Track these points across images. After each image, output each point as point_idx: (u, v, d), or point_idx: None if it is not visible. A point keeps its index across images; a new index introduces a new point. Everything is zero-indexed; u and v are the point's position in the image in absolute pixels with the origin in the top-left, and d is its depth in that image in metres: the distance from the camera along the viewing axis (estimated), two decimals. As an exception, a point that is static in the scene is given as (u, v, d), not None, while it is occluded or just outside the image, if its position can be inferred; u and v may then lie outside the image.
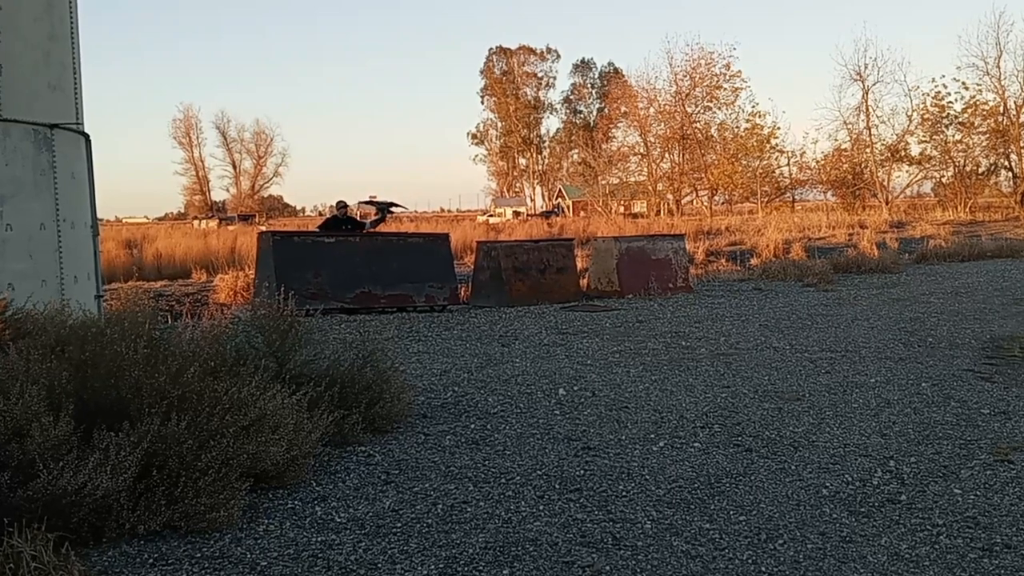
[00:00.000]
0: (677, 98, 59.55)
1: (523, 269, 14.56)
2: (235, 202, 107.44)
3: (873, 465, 5.32)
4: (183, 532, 4.27)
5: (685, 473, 5.22)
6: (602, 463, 5.44)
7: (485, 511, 4.63)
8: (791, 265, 19.30)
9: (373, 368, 6.42)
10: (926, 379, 7.85)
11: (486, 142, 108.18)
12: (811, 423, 6.33)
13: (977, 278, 17.68)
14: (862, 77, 51.73)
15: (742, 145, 57.76)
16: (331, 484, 5.09)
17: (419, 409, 6.82)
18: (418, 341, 10.37)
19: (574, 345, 10.00)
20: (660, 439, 5.96)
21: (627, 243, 16.20)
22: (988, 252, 23.63)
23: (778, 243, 24.38)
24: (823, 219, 38.41)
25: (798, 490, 4.88)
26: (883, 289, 16.03)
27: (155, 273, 22.49)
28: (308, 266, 12.68)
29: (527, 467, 5.38)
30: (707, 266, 21.18)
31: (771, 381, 7.87)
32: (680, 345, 9.94)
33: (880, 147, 52.91)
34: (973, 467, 5.26)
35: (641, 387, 7.67)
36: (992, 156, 51.97)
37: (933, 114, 51.26)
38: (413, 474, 5.27)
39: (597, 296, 15.21)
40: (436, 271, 13.78)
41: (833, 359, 8.89)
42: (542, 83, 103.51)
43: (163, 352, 5.12)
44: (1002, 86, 49.98)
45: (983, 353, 9.17)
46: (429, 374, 8.31)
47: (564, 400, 7.18)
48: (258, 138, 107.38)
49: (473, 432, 6.21)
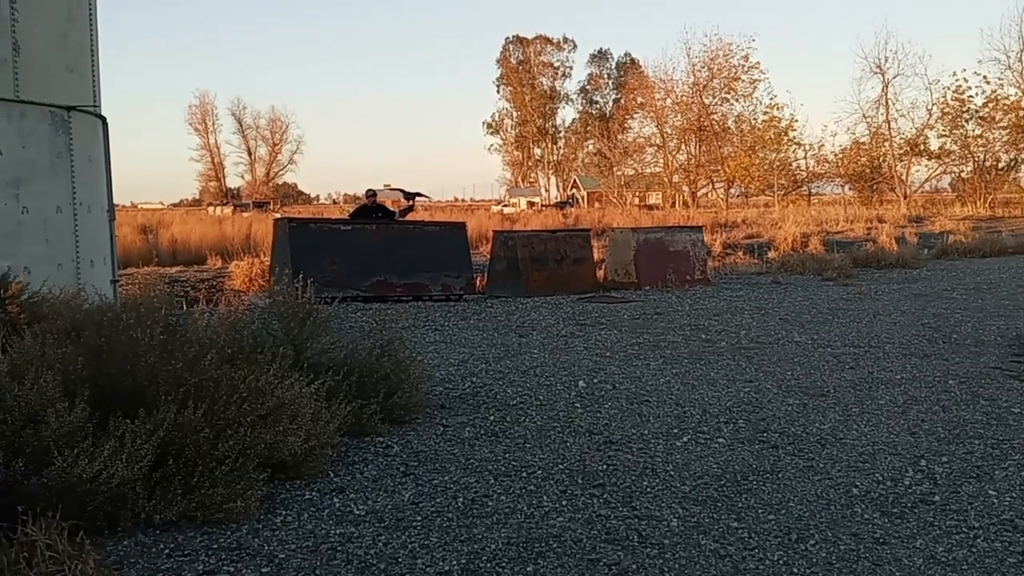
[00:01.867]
0: (694, 89, 59.35)
1: (540, 259, 14.43)
2: (250, 189, 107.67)
3: (904, 464, 5.19)
4: (199, 522, 4.18)
5: (710, 469, 5.11)
6: (625, 458, 5.34)
7: (507, 505, 4.53)
8: (809, 259, 19.11)
9: (391, 358, 6.33)
10: (953, 376, 7.70)
11: (501, 131, 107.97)
12: (837, 420, 6.20)
13: (999, 274, 17.46)
14: (882, 70, 51.51)
15: (759, 137, 57.48)
16: (349, 475, 5.00)
17: (437, 400, 6.72)
18: (435, 331, 10.27)
19: (592, 337, 9.89)
20: (683, 434, 5.85)
21: (645, 234, 16.06)
22: (1009, 248, 23.37)
23: (796, 236, 24.20)
24: (840, 213, 38.19)
25: (828, 489, 4.76)
26: (904, 284, 15.83)
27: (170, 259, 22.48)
28: (324, 253, 12.59)
29: (548, 461, 5.28)
30: (724, 259, 20.99)
31: (794, 376, 7.73)
32: (700, 338, 9.81)
33: (899, 141, 52.60)
34: (1007, 468, 5.13)
35: (662, 380, 7.55)
36: (1012, 151, 51.58)
37: (953, 108, 50.95)
38: (432, 466, 5.18)
39: (614, 287, 15.08)
40: (453, 260, 13.68)
41: (857, 355, 8.74)
42: (558, 73, 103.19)
43: (180, 339, 5.04)
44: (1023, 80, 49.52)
45: (1010, 351, 9.00)
46: (446, 364, 8.21)
47: (584, 392, 7.07)
48: (273, 125, 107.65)
49: (492, 424, 6.11)
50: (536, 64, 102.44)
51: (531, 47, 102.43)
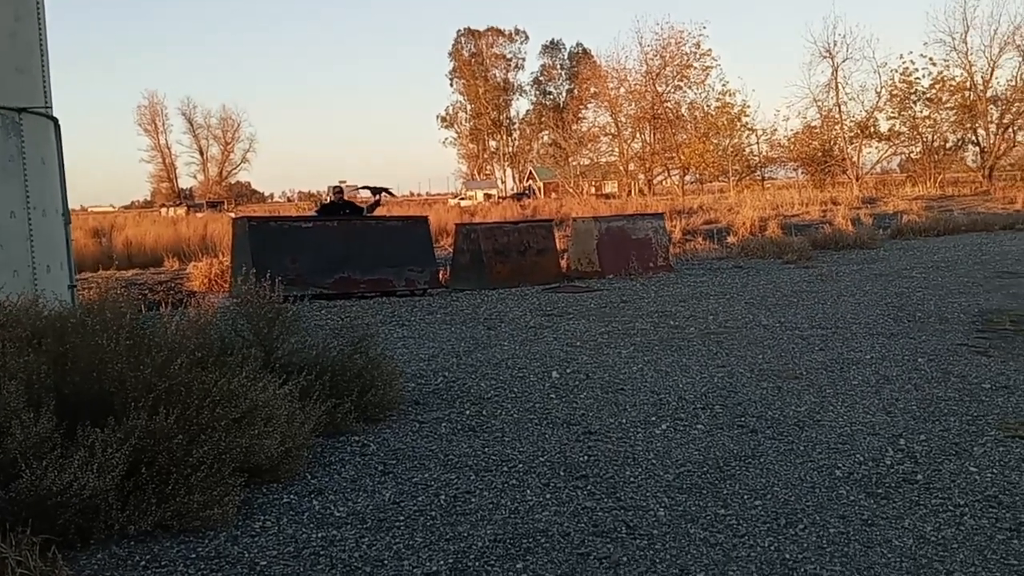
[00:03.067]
0: (647, 78, 59.49)
1: (503, 251, 14.36)
2: (203, 189, 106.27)
3: (883, 444, 5.19)
4: (176, 531, 4.06)
5: (692, 456, 5.07)
6: (605, 448, 5.28)
7: (490, 501, 4.45)
8: (769, 242, 19.24)
9: (363, 355, 6.22)
10: (922, 354, 7.75)
11: (456, 125, 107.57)
12: (813, 402, 6.21)
13: (955, 252, 17.70)
14: (831, 54, 51.96)
15: (713, 124, 57.82)
16: (327, 477, 4.90)
17: (411, 396, 6.63)
18: (402, 326, 10.16)
19: (561, 327, 9.84)
20: (662, 422, 5.81)
21: (607, 223, 16.05)
22: (962, 226, 23.73)
23: (754, 221, 24.33)
24: (795, 196, 38.48)
25: (811, 472, 4.74)
26: (864, 265, 15.99)
27: (126, 262, 22.00)
28: (285, 251, 12.40)
29: (528, 454, 5.21)
30: (685, 245, 21.06)
31: (766, 359, 7.74)
32: (668, 324, 9.80)
33: (849, 124, 53.18)
34: (985, 444, 5.15)
35: (635, 368, 7.52)
36: (959, 131, 52.43)
37: (901, 90, 51.65)
38: (411, 464, 5.09)
39: (578, 277, 15.05)
40: (416, 254, 13.55)
41: (825, 336, 8.78)
42: (511, 64, 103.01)
43: (147, 343, 4.90)
44: (969, 61, 50.41)
45: (974, 327, 9.10)
46: (417, 359, 8.11)
47: (558, 383, 7.01)
48: (225, 124, 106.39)
49: (469, 418, 6.03)
50: (488, 56, 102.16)
51: (483, 39, 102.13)
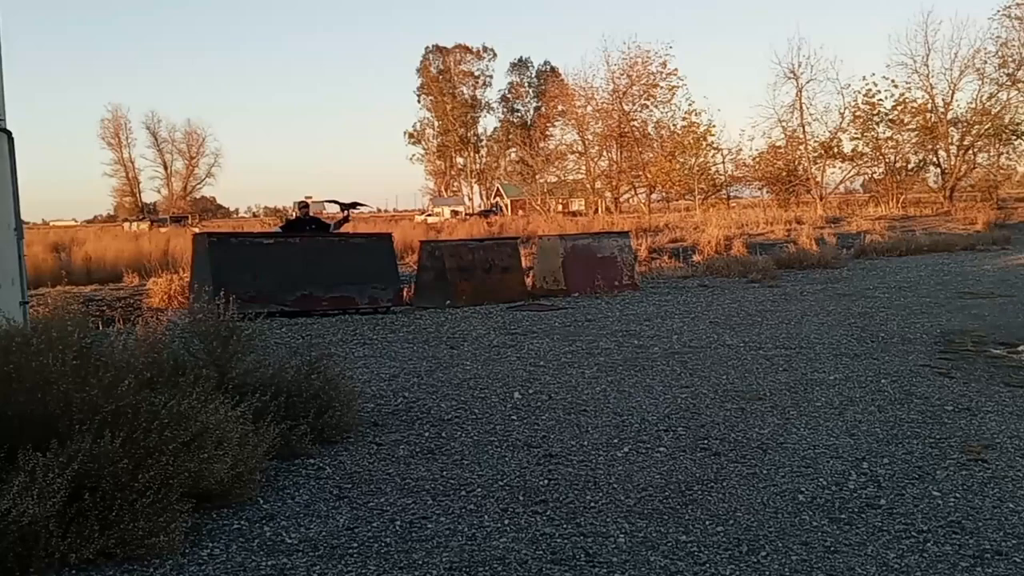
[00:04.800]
0: (614, 96, 59.54)
1: (468, 269, 14.26)
2: (167, 204, 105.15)
3: (847, 467, 5.15)
4: (119, 559, 3.91)
5: (654, 480, 4.99)
6: (566, 471, 5.19)
7: (447, 527, 4.34)
8: (734, 261, 19.33)
9: (320, 375, 6.09)
10: (885, 375, 7.75)
11: (423, 141, 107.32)
12: (776, 424, 6.16)
13: (918, 272, 17.86)
14: (796, 75, 52.26)
15: (679, 143, 57.97)
16: (279, 501, 4.76)
17: (369, 417, 6.50)
18: (363, 345, 10.01)
19: (524, 346, 9.75)
20: (624, 444, 5.73)
21: (572, 241, 16.02)
22: (924, 247, 24.00)
23: (719, 240, 24.45)
24: (760, 215, 38.72)
25: (773, 496, 4.68)
26: (827, 284, 16.06)
27: (84, 277, 21.58)
28: (247, 268, 12.22)
29: (487, 477, 5.11)
30: (651, 263, 21.08)
31: (729, 380, 7.70)
32: (632, 344, 9.74)
33: (813, 144, 53.59)
34: (948, 467, 5.12)
35: (598, 388, 7.44)
36: (921, 152, 52.99)
37: (864, 111, 52.04)
38: (367, 488, 4.96)
39: (543, 295, 14.99)
40: (379, 272, 13.40)
41: (789, 356, 8.76)
42: (479, 82, 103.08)
43: (95, 363, 4.74)
44: (930, 84, 50.96)
45: (936, 348, 9.13)
46: (377, 379, 7.98)
47: (520, 404, 6.92)
48: (190, 138, 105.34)
49: (428, 441, 5.91)
50: (456, 73, 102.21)
51: (451, 56, 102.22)
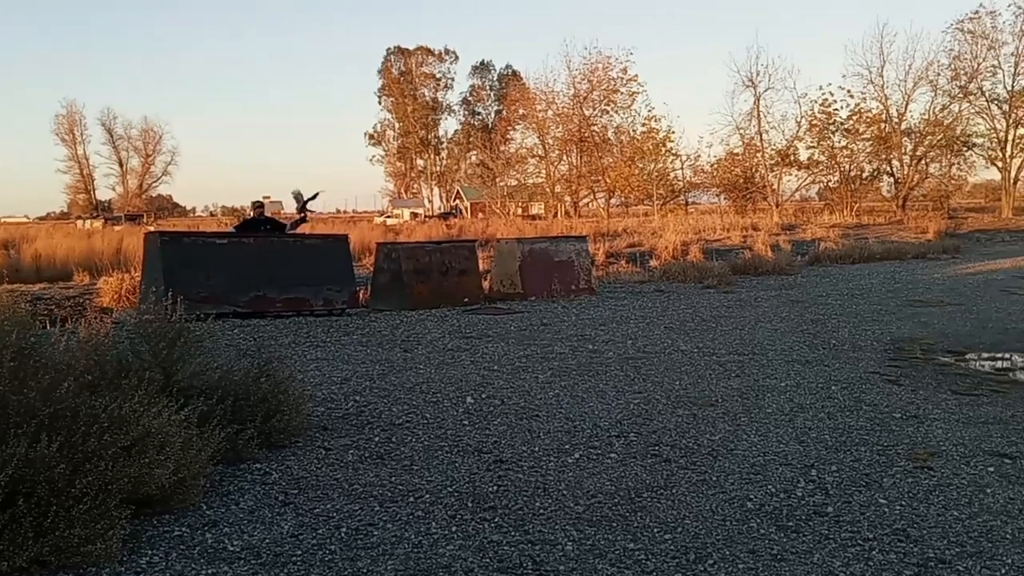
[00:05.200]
0: (575, 101, 59.77)
1: (424, 271, 14.19)
2: (122, 202, 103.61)
3: (795, 475, 5.16)
4: (54, 568, 3.79)
5: (604, 487, 4.97)
6: (516, 477, 5.15)
7: (393, 534, 4.28)
8: (690, 267, 19.44)
9: (269, 378, 5.99)
10: (835, 382, 7.81)
11: (383, 143, 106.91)
12: (727, 430, 6.17)
13: (870, 280, 18.08)
14: (754, 83, 52.81)
15: (638, 148, 58.30)
16: (223, 507, 4.66)
17: (319, 421, 6.41)
18: (316, 347, 9.90)
19: (479, 349, 9.70)
20: (575, 450, 5.70)
21: (530, 245, 16.01)
22: (877, 255, 24.34)
23: (676, 245, 24.60)
24: (717, 221, 39.01)
25: (722, 503, 4.68)
26: (781, 291, 16.20)
27: (34, 275, 21.18)
28: (199, 268, 12.04)
29: (437, 483, 5.05)
30: (608, 268, 21.16)
31: (682, 386, 7.71)
32: (587, 349, 9.74)
33: (770, 152, 54.17)
34: (895, 475, 5.16)
35: (551, 393, 7.41)
36: (875, 162, 53.84)
37: (820, 120, 52.73)
38: (313, 494, 4.88)
39: (500, 298, 14.96)
40: (335, 273, 13.28)
41: (741, 362, 8.80)
42: (440, 84, 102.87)
43: (34, 364, 4.62)
44: (885, 94, 51.89)
45: (886, 355, 9.23)
46: (329, 382, 7.88)
47: (472, 409, 6.87)
48: (146, 135, 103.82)
49: (377, 445, 5.84)
50: (418, 75, 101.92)
51: (413, 58, 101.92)
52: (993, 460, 5.47)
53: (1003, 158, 52.34)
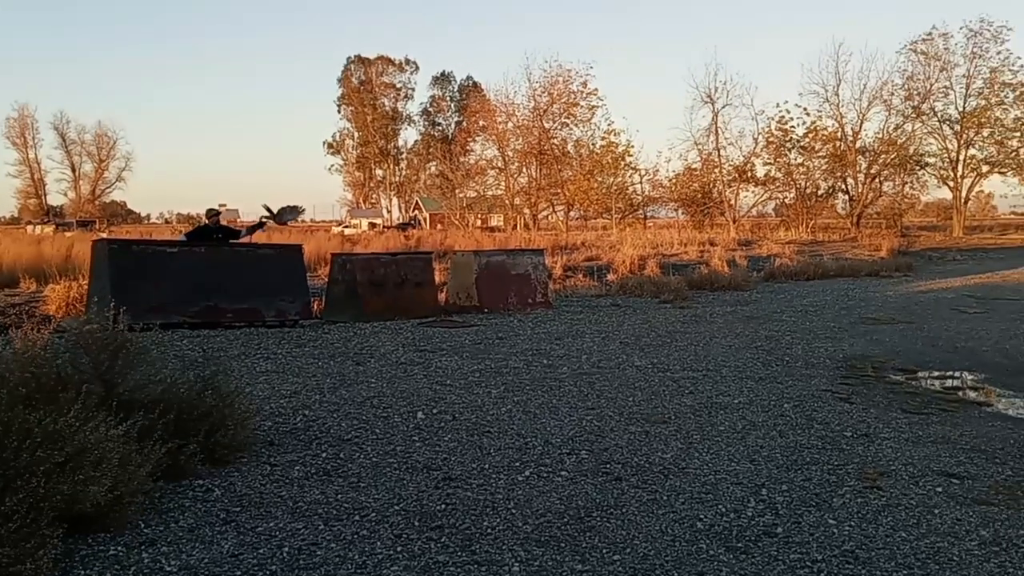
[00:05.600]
0: (535, 113, 59.91)
1: (379, 283, 14.07)
2: (74, 207, 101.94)
3: (746, 494, 5.13)
4: (-21, 590, 3.65)
5: (553, 506, 4.90)
6: (465, 495, 5.07)
7: (337, 554, 4.18)
8: (647, 281, 19.49)
9: (214, 392, 5.85)
10: (788, 399, 7.82)
11: (342, 152, 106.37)
12: (680, 448, 6.14)
13: (823, 296, 18.24)
14: (712, 100, 53.34)
15: (598, 162, 58.56)
16: (162, 525, 4.53)
17: (265, 436, 6.28)
18: (266, 359, 9.74)
19: (433, 363, 9.60)
20: (526, 468, 5.63)
21: (487, 257, 15.93)
22: (831, 271, 24.57)
23: (634, 259, 24.65)
24: (675, 236, 39.24)
25: (672, 523, 4.63)
26: (737, 307, 16.28)
27: (-22, 282, 20.69)
28: (148, 277, 11.81)
29: (383, 501, 4.95)
30: (565, 281, 21.14)
31: (636, 402, 7.68)
32: (542, 363, 9.68)
33: (728, 168, 54.70)
34: (844, 495, 5.15)
35: (503, 409, 7.34)
36: (830, 179, 54.53)
37: (777, 137, 53.38)
38: (256, 511, 4.76)
39: (456, 311, 14.86)
40: (288, 284, 13.10)
41: (695, 379, 8.80)
42: (400, 94, 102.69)
43: (-35, 377, 4.46)
44: (840, 113, 52.65)
45: (838, 372, 9.28)
46: (277, 396, 7.74)
47: (423, 424, 6.77)
48: (100, 140, 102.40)
49: (324, 462, 5.72)
50: (378, 84, 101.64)
51: (373, 67, 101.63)
52: (941, 480, 5.49)
53: (954, 178, 53.34)
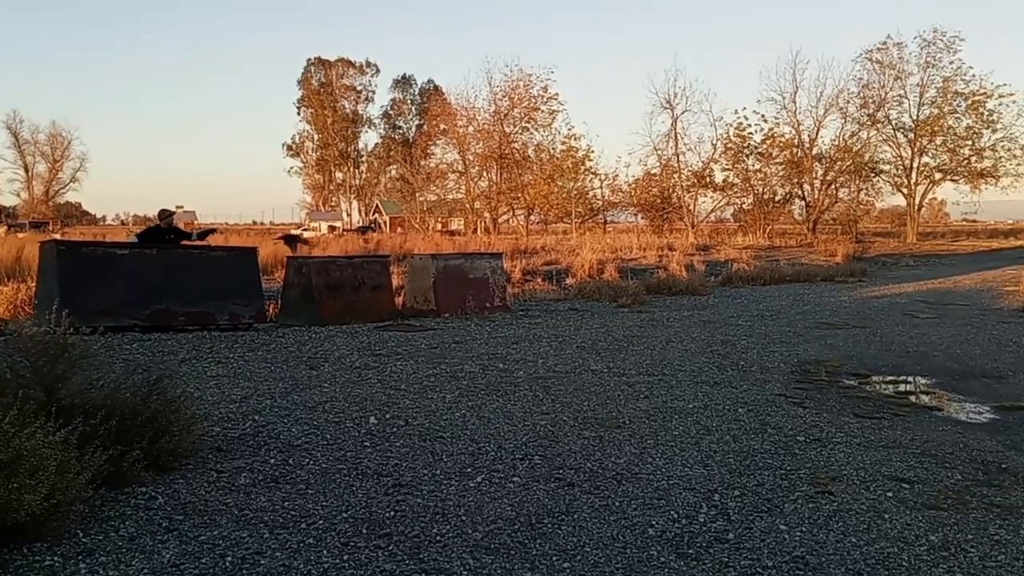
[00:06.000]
0: (496, 118, 59.89)
1: (335, 286, 13.92)
2: (27, 208, 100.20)
3: (698, 500, 5.11)
4: (-95, 604, 3.51)
5: (504, 512, 4.84)
6: (415, 502, 4.99)
7: (281, 563, 4.08)
8: (606, 286, 19.51)
9: (160, 396, 5.72)
10: (742, 404, 7.83)
11: (302, 154, 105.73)
12: (633, 453, 6.10)
13: (779, 301, 18.37)
14: (671, 106, 53.64)
15: (558, 166, 58.63)
16: (101, 535, 4.40)
17: (213, 442, 6.15)
18: (218, 363, 9.57)
19: (387, 368, 9.50)
20: (478, 473, 5.57)
21: (445, 261, 15.85)
22: (787, 276, 24.79)
23: (593, 263, 24.70)
24: (634, 241, 39.41)
25: (624, 530, 4.59)
26: (694, 311, 16.34)
27: (-77, 284, 20.18)
28: (98, 279, 11.57)
29: (332, 508, 4.86)
30: (524, 285, 21.10)
31: (591, 407, 7.64)
32: (498, 367, 9.62)
33: (687, 173, 55.03)
34: (796, 500, 5.14)
35: (457, 414, 7.27)
36: (788, 185, 55.07)
37: (735, 144, 53.80)
38: (200, 520, 4.65)
39: (413, 315, 14.75)
40: (242, 287, 12.91)
41: (651, 383, 8.79)
42: (361, 96, 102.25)
43: None
44: (797, 120, 53.24)
45: (792, 377, 9.32)
46: (227, 401, 7.60)
47: (375, 430, 6.68)
48: (54, 140, 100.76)
49: (273, 468, 5.61)
50: (338, 87, 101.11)
51: (333, 69, 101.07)
52: (892, 485, 5.51)
53: (908, 185, 54.15)
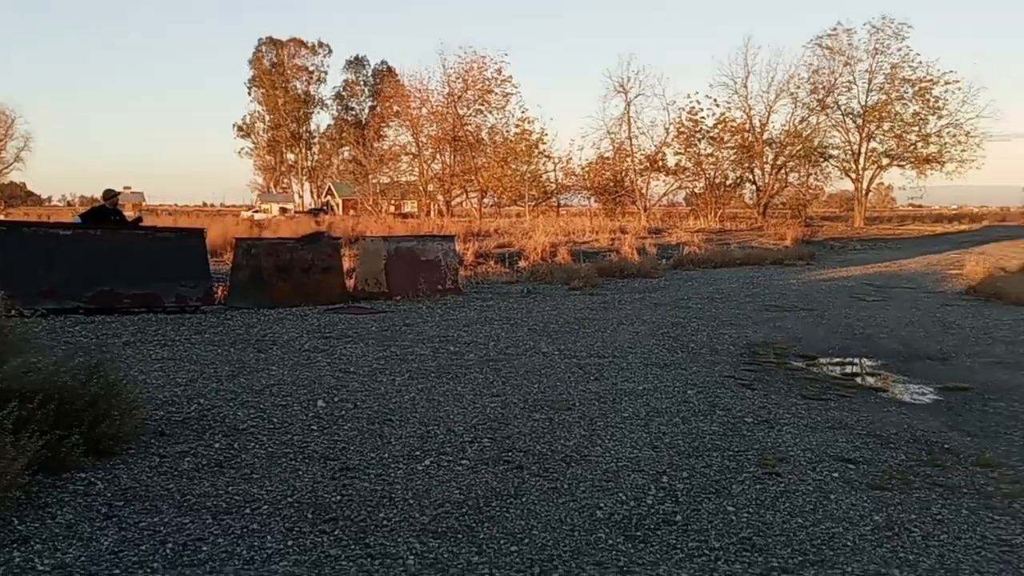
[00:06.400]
0: (449, 100, 59.56)
1: (285, 268, 13.75)
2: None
3: (647, 481, 5.11)
4: None
5: (452, 496, 4.80)
6: (361, 486, 4.93)
7: (224, 549, 4.00)
8: (558, 268, 19.52)
9: (100, 380, 5.58)
10: (692, 386, 7.87)
11: (253, 135, 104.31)
12: (583, 435, 6.09)
13: (730, 284, 18.52)
14: (625, 89, 53.68)
15: (511, 149, 58.56)
16: (37, 522, 4.28)
17: (156, 426, 6.02)
18: (163, 346, 9.40)
19: (337, 351, 9.40)
20: (426, 456, 5.52)
21: (396, 243, 15.73)
22: (737, 260, 25.02)
23: (545, 246, 24.68)
24: (587, 224, 39.44)
25: (572, 512, 4.57)
26: (645, 294, 16.41)
27: None
28: (39, 261, 11.31)
29: (277, 493, 4.78)
30: (476, 268, 21.03)
31: (541, 389, 7.62)
32: (448, 350, 9.56)
33: (640, 157, 55.23)
34: (743, 481, 5.16)
35: (407, 397, 7.21)
36: (739, 170, 55.56)
37: (688, 128, 54.09)
38: (141, 506, 4.54)
39: (364, 298, 14.63)
40: (189, 269, 12.70)
41: (601, 365, 8.79)
42: (313, 77, 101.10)
43: None
44: (749, 105, 53.64)
45: (741, 359, 9.38)
46: (172, 384, 7.45)
47: (323, 413, 6.60)
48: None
49: (217, 452, 5.52)
50: (290, 67, 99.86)
51: (285, 49, 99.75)
52: (838, 465, 5.56)
53: (856, 170, 54.86)
